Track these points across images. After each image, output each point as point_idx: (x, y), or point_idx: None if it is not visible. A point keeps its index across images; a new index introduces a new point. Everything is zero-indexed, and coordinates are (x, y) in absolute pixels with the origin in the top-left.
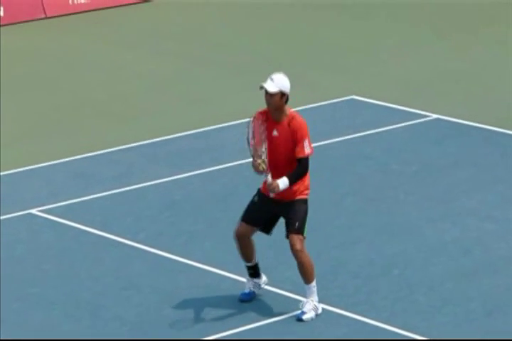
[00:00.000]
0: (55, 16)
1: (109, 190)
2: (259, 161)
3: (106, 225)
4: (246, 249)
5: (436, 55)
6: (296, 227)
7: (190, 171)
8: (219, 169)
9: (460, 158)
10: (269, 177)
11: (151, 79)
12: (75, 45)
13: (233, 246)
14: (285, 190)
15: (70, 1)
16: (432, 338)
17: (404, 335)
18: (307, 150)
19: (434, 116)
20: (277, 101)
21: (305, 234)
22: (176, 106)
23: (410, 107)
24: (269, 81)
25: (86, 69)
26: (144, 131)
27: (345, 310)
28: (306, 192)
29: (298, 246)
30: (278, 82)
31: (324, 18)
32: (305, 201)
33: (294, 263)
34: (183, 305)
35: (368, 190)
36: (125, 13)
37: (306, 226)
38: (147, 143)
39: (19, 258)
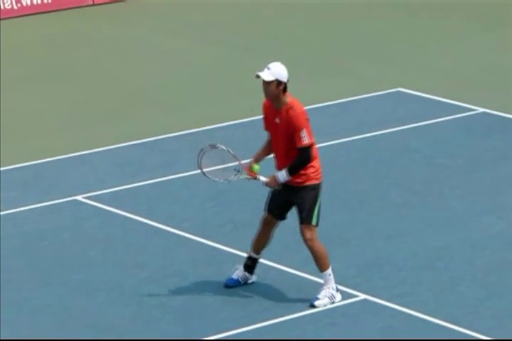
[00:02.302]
0: (102, 3)
1: (155, 178)
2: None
3: (151, 213)
4: (263, 237)
5: (484, 49)
6: (303, 217)
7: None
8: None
9: (506, 152)
10: (262, 178)
11: (200, 67)
12: (121, 32)
13: (278, 236)
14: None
15: None
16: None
17: (448, 328)
18: (305, 140)
19: (481, 109)
20: (273, 90)
21: (314, 222)
22: (223, 95)
23: (457, 100)
24: (265, 70)
25: (133, 57)
26: (191, 119)
27: (390, 301)
28: (316, 177)
29: (307, 235)
30: (274, 71)
31: (375, 12)
32: (313, 187)
33: (341, 257)
34: (227, 293)
35: (413, 183)
36: (172, 0)
37: (316, 213)
38: (193, 132)
39: (64, 244)
